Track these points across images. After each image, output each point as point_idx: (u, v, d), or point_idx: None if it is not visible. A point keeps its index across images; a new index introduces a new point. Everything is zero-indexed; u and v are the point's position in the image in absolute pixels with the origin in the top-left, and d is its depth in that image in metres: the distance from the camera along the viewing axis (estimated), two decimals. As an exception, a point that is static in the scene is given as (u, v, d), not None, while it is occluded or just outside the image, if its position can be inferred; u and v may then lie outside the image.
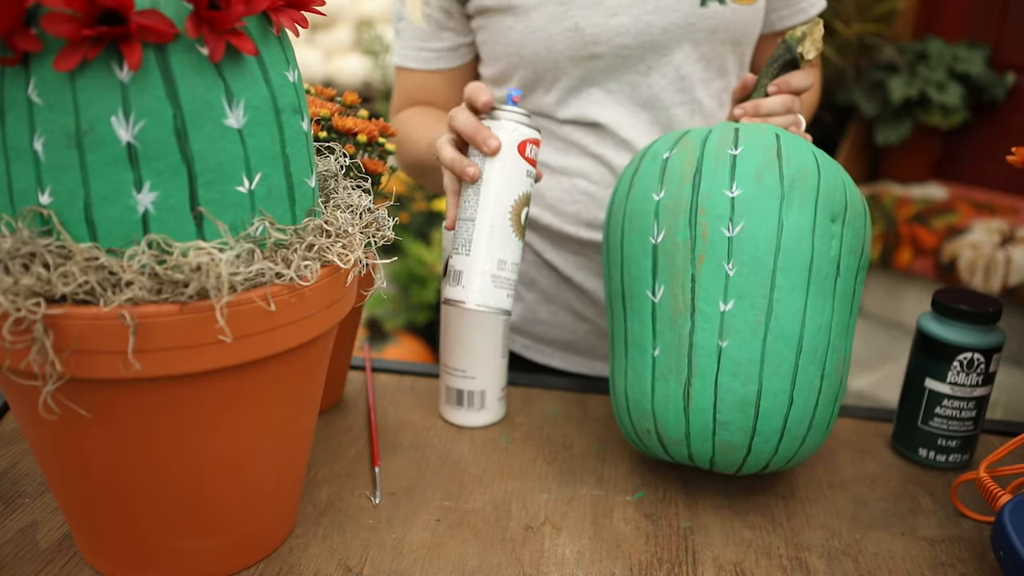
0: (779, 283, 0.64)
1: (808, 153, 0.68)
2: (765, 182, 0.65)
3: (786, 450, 0.67)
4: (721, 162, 0.66)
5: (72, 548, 0.62)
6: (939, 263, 2.16)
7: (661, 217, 0.67)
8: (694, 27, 0.86)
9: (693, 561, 0.64)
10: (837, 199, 0.67)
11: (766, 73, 0.77)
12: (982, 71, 2.32)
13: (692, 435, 0.67)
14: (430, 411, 0.85)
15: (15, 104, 0.47)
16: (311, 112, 0.73)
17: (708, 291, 0.65)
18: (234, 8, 0.47)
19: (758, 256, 0.64)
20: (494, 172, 0.69)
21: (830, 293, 0.66)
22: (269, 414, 0.56)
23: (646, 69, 0.88)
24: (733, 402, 0.65)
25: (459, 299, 0.68)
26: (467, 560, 0.63)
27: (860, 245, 0.68)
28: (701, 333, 0.65)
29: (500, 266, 0.69)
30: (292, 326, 0.53)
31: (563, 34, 0.86)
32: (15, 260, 0.47)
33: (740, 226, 0.64)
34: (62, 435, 0.52)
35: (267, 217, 0.52)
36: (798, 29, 0.75)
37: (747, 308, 0.64)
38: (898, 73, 2.33)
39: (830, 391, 0.68)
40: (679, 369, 0.66)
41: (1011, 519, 0.60)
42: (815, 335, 0.65)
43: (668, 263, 0.67)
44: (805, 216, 0.65)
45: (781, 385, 0.65)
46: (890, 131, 2.36)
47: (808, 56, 0.75)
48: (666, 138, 0.72)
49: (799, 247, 0.65)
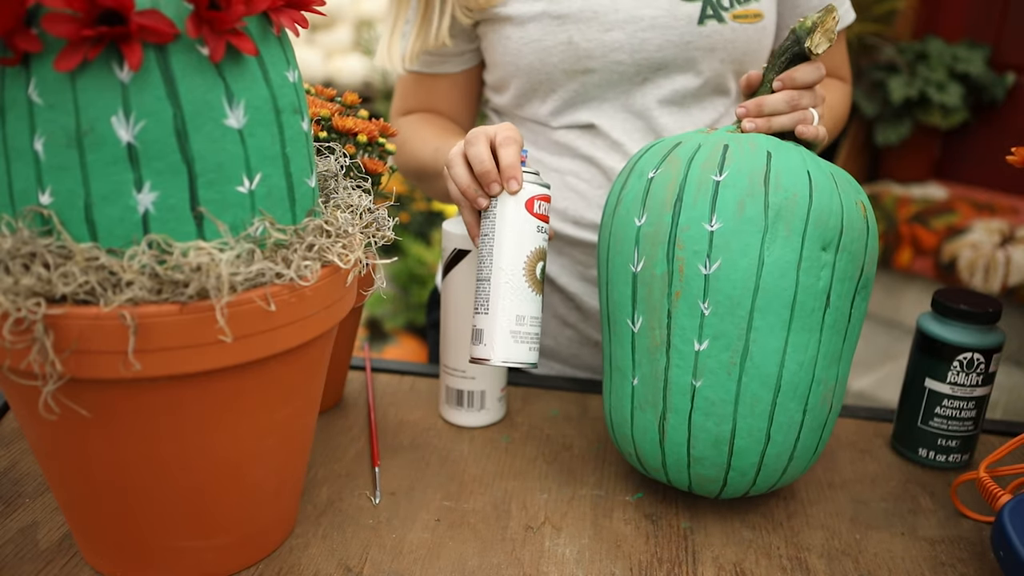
0: (756, 324, 0.62)
1: (800, 173, 0.63)
2: (747, 214, 0.61)
3: (764, 481, 0.66)
4: (703, 191, 0.63)
5: (72, 548, 0.62)
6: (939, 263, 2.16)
7: (641, 245, 0.65)
8: (691, 46, 0.85)
9: (693, 561, 0.64)
10: (830, 225, 0.62)
11: (773, 67, 0.72)
12: (982, 71, 2.32)
13: (668, 466, 0.67)
14: (430, 411, 0.85)
15: (15, 104, 0.47)
16: (311, 112, 0.73)
17: (683, 328, 0.63)
18: (234, 8, 0.47)
19: (734, 296, 0.61)
20: (506, 226, 0.69)
21: (816, 327, 0.63)
22: (269, 414, 0.56)
23: (641, 81, 0.87)
24: (707, 439, 0.64)
25: (483, 357, 0.69)
26: (467, 560, 0.63)
27: (858, 268, 0.65)
28: (676, 370, 0.64)
29: (519, 321, 0.69)
30: (292, 326, 0.53)
31: (557, 47, 0.85)
32: (15, 260, 0.47)
33: (717, 264, 0.61)
34: (62, 435, 0.52)
35: (267, 217, 0.52)
36: (808, 18, 0.69)
37: (722, 349, 0.62)
38: (898, 73, 2.33)
39: (815, 423, 0.66)
40: (655, 403, 0.65)
41: (1011, 519, 0.60)
42: (796, 373, 0.63)
43: (647, 294, 0.65)
44: (790, 249, 0.61)
45: (757, 424, 0.63)
46: (890, 131, 2.36)
47: (818, 49, 0.69)
48: (656, 149, 0.69)
49: (780, 285, 0.61)
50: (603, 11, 0.84)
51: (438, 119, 0.97)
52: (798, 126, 0.71)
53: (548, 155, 0.93)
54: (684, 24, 0.84)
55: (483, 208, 0.70)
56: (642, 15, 0.84)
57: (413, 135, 0.95)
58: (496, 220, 0.69)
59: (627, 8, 0.84)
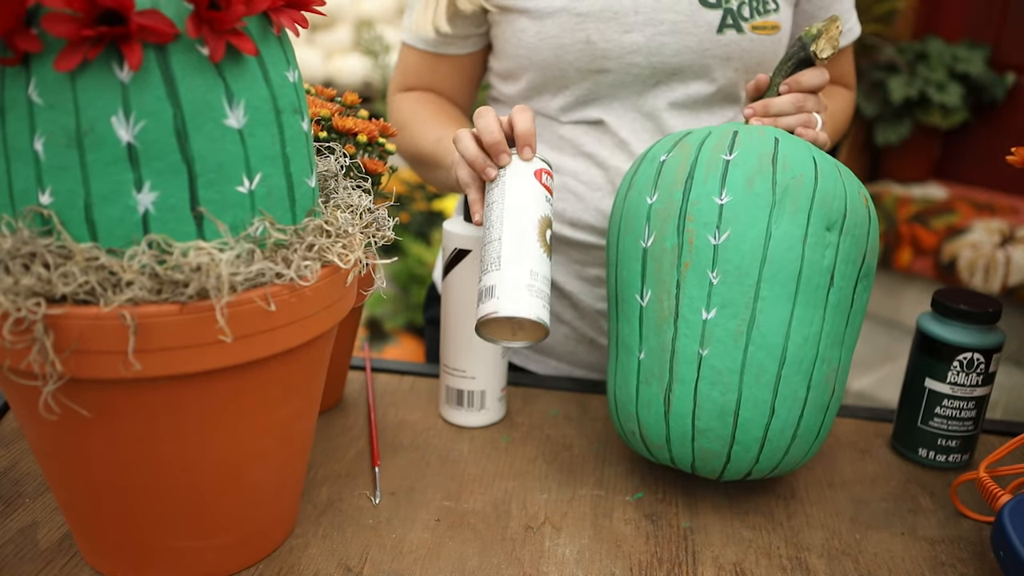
0: (763, 293, 0.63)
1: (807, 158, 0.66)
2: (756, 189, 0.64)
3: (768, 460, 0.67)
4: (713, 168, 0.66)
5: (72, 548, 0.62)
6: (939, 263, 2.16)
7: (652, 221, 0.67)
8: (708, 53, 0.85)
9: (693, 561, 0.64)
10: (835, 207, 0.65)
11: (779, 71, 0.75)
12: (982, 71, 2.32)
13: (672, 440, 0.67)
14: (430, 411, 0.85)
15: (15, 104, 0.47)
16: (311, 112, 0.73)
17: (692, 298, 0.65)
18: (234, 8, 0.47)
19: (742, 265, 0.64)
20: (516, 191, 0.69)
21: (821, 304, 0.65)
22: (269, 414, 0.56)
23: (654, 84, 0.87)
24: (712, 410, 0.65)
25: (491, 311, 0.64)
26: (467, 560, 0.63)
27: (861, 253, 0.67)
28: (683, 340, 0.65)
29: (532, 276, 0.65)
30: (292, 326, 0.53)
31: (575, 45, 0.85)
32: (15, 260, 0.47)
33: (726, 234, 0.64)
34: (62, 435, 0.52)
35: (267, 217, 0.52)
36: (814, 26, 0.73)
37: (729, 317, 0.64)
38: (898, 73, 2.34)
39: (818, 402, 0.67)
40: (661, 374, 0.66)
41: (1011, 519, 0.60)
42: (800, 346, 0.64)
43: (656, 268, 0.67)
44: (796, 225, 0.64)
45: (762, 395, 0.64)
46: (890, 131, 2.36)
47: (822, 55, 0.73)
48: (668, 139, 0.72)
49: (787, 257, 0.64)
50: (623, 12, 0.84)
51: (440, 102, 0.96)
52: (798, 128, 0.74)
53: (550, 151, 0.92)
54: (703, 31, 0.84)
55: (490, 179, 0.71)
56: (662, 19, 0.84)
57: (414, 117, 0.94)
58: (506, 186, 0.70)
59: (647, 11, 0.84)
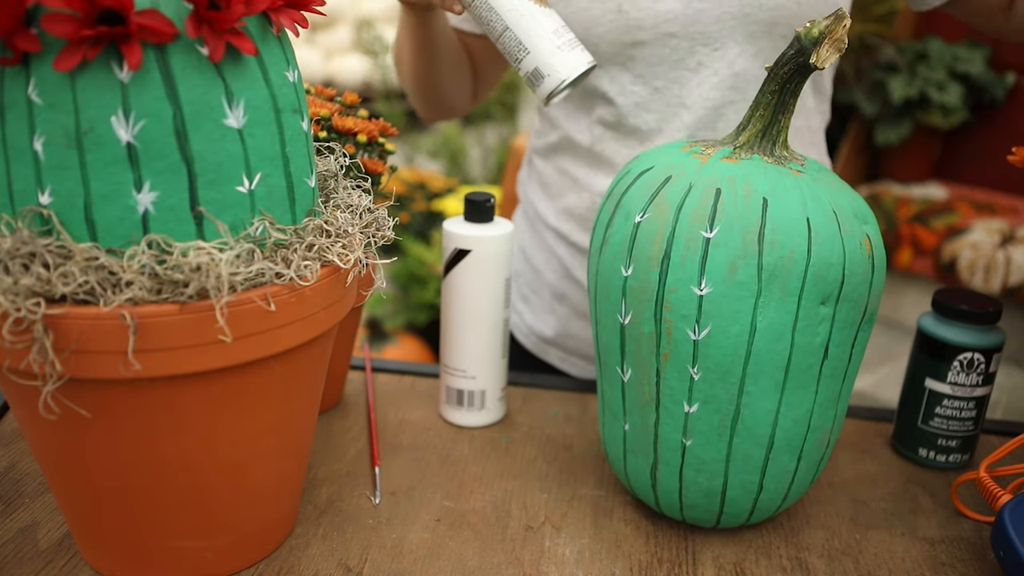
0: (748, 389, 0.59)
1: (799, 224, 0.57)
2: (739, 277, 0.57)
3: (761, 515, 0.66)
4: (692, 249, 0.58)
5: (72, 548, 0.62)
6: (939, 263, 2.16)
7: (628, 298, 0.61)
8: (750, 18, 0.78)
9: (693, 561, 0.64)
10: (831, 278, 0.58)
11: (772, 78, 0.60)
12: (982, 71, 2.32)
13: (662, 506, 0.67)
14: (430, 411, 0.85)
15: (15, 104, 0.47)
16: (311, 112, 0.73)
17: (672, 390, 0.61)
18: (234, 8, 0.47)
19: (724, 363, 0.59)
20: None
21: (812, 382, 0.61)
22: (269, 414, 0.56)
23: (696, 65, 0.81)
24: (698, 491, 0.64)
25: (555, 86, 0.69)
26: (467, 560, 0.63)
27: (860, 312, 0.61)
28: (666, 427, 0.62)
29: (558, 34, 0.70)
30: (292, 326, 0.53)
31: (605, 16, 0.81)
32: (15, 260, 0.47)
33: (707, 330, 0.58)
34: (62, 435, 0.52)
35: (267, 217, 0.52)
36: (815, 25, 0.57)
37: (712, 412, 0.60)
38: (898, 73, 2.33)
39: (809, 465, 0.64)
40: (646, 452, 0.65)
41: (1011, 519, 0.60)
42: (789, 429, 0.61)
43: (635, 349, 0.62)
44: (785, 312, 0.58)
45: (749, 478, 0.63)
46: (890, 131, 2.36)
47: (824, 64, 0.58)
48: (643, 183, 0.62)
49: (774, 348, 0.58)
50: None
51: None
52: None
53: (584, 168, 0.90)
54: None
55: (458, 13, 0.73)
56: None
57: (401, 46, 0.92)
58: None
59: None
